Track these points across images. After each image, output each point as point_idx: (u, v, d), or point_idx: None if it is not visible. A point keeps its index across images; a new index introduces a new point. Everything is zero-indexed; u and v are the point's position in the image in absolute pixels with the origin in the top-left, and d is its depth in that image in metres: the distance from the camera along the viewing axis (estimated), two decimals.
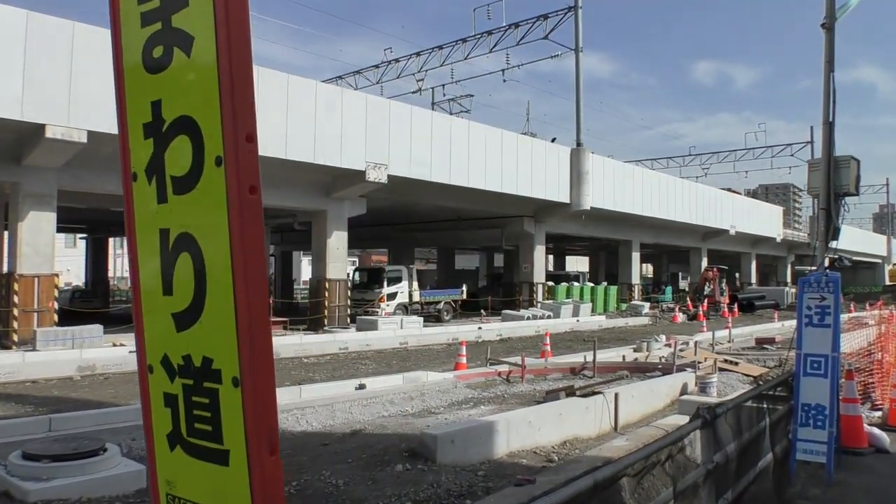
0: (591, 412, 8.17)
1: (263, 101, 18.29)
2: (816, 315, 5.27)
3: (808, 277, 5.39)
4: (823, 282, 5.30)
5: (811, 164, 6.21)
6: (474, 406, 9.05)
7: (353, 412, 8.60)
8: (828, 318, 5.22)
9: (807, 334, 5.26)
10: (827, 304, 5.26)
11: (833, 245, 5.89)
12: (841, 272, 6.01)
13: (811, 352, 5.19)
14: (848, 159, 6.04)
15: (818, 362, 5.14)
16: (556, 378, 11.32)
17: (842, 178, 6.00)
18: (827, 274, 5.54)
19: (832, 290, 5.27)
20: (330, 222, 22.09)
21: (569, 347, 17.02)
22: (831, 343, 5.15)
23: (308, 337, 16.58)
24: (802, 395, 5.15)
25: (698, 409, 4.22)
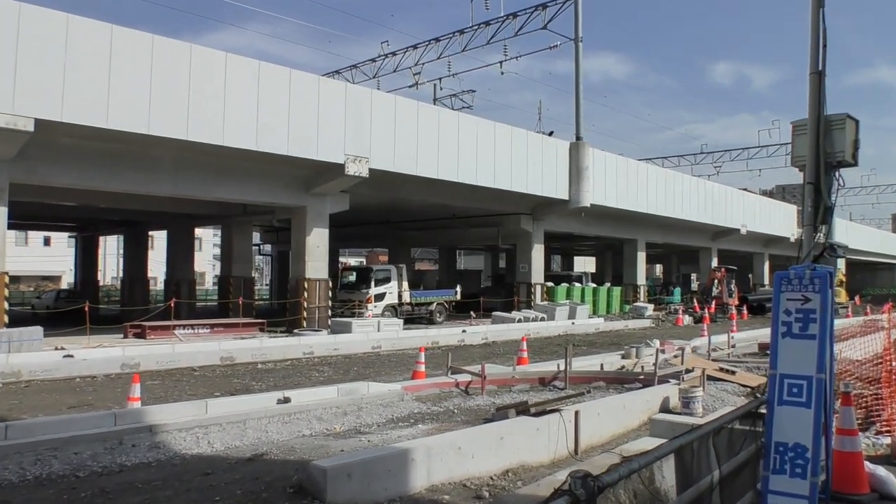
0: (542, 434, 6.89)
1: (231, 89, 17.23)
2: (797, 322, 3.97)
3: (787, 272, 4.10)
4: (807, 277, 4.00)
5: (795, 127, 4.92)
6: (413, 424, 7.80)
7: (269, 430, 7.40)
8: (812, 327, 3.91)
9: (784, 348, 3.96)
10: (811, 307, 3.95)
11: (823, 231, 4.58)
12: (840, 267, 4.74)
13: (789, 372, 3.89)
14: (843, 118, 4.71)
15: (798, 387, 3.84)
16: (521, 389, 10.04)
17: (834, 143, 4.68)
18: (814, 268, 4.23)
19: (819, 288, 3.96)
20: (310, 219, 20.96)
21: (554, 353, 15.69)
22: (817, 360, 3.84)
23: (271, 340, 15.45)
24: (777, 432, 3.86)
25: (568, 477, 2.93)
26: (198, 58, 16.76)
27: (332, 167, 19.59)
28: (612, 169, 29.46)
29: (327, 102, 19.22)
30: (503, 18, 30.35)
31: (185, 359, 13.08)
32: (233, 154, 18.10)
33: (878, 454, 6.12)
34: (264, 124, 17.81)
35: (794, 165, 4.89)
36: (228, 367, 13.01)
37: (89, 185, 17.72)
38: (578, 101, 27.78)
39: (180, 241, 28.70)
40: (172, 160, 18.02)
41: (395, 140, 20.76)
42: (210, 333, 19.41)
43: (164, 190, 18.68)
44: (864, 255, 56.28)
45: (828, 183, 4.67)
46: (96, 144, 16.62)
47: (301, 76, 18.94)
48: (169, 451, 6.64)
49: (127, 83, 15.47)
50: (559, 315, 23.26)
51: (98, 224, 33.59)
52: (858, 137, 4.78)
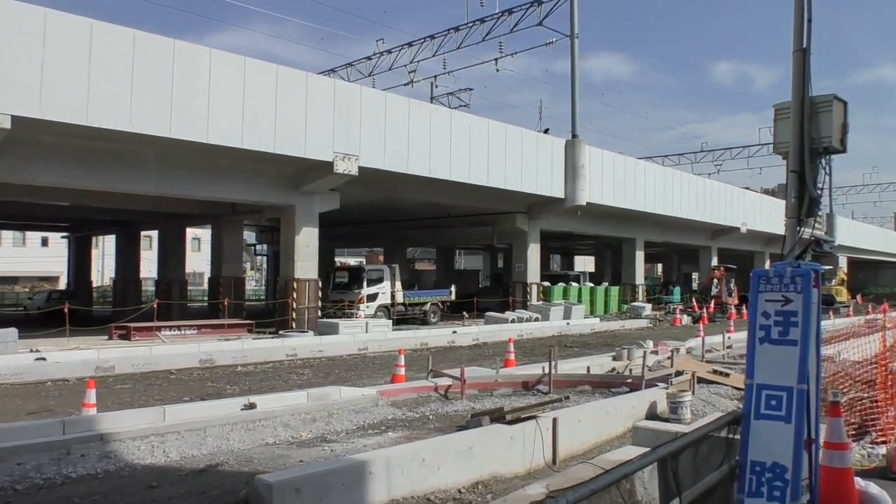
0: (517, 443, 6.50)
1: (216, 86, 16.87)
2: (777, 326, 3.58)
3: (765, 270, 3.70)
4: (788, 276, 3.61)
5: (777, 110, 4.51)
6: (383, 432, 7.42)
7: (231, 439, 7.02)
8: (793, 331, 3.52)
9: (762, 355, 3.57)
10: (792, 308, 3.56)
11: (812, 229, 4.17)
12: (829, 265, 4.33)
13: (767, 382, 3.51)
14: (829, 100, 4.30)
15: (777, 399, 3.46)
16: (504, 394, 9.65)
17: (820, 128, 4.26)
18: (798, 265, 3.83)
19: (801, 287, 3.57)
20: (299, 218, 20.58)
21: (545, 354, 15.19)
22: (798, 369, 3.44)
23: (254, 342, 15.08)
24: (753, 449, 3.47)
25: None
26: (181, 54, 16.39)
27: (320, 165, 19.21)
28: (609, 167, 29.04)
29: (315, 99, 18.85)
30: (498, 15, 29.96)
31: (163, 361, 12.72)
32: (219, 152, 17.74)
33: (871, 467, 5.71)
34: (250, 121, 17.44)
35: (776, 153, 4.49)
36: (207, 370, 12.64)
37: (72, 184, 17.38)
38: (574, 98, 27.38)
39: (172, 241, 28.37)
40: (157, 158, 17.67)
41: (386, 138, 20.37)
42: (197, 334, 19.07)
43: (148, 189, 18.33)
44: (867, 254, 55.76)
45: (813, 171, 4.26)
46: (79, 142, 16.27)
47: (288, 72, 18.57)
48: (119, 462, 6.27)
49: (108, 80, 15.12)
50: (554, 315, 22.86)
51: (91, 224, 33.29)
52: (847, 121, 4.37)
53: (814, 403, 4.10)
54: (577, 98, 27.26)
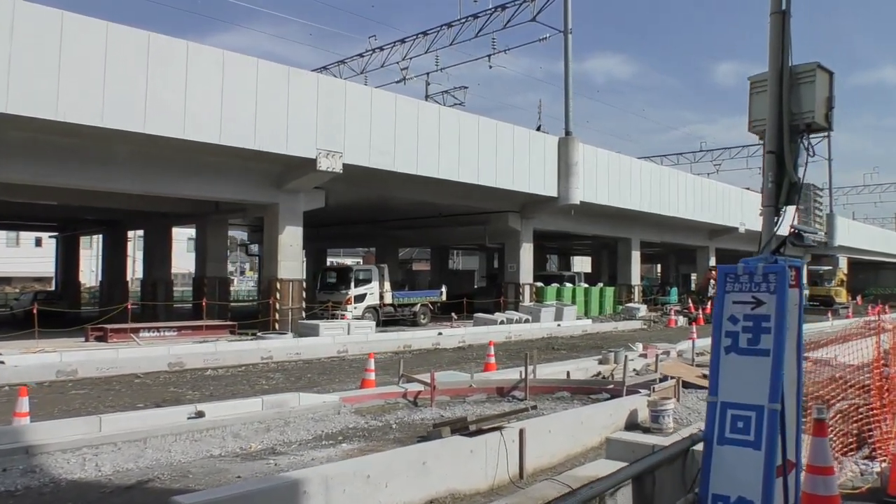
0: (478, 457, 5.97)
1: (193, 80, 16.35)
2: (745, 332, 3.05)
3: (733, 267, 3.18)
4: (759, 273, 3.08)
5: (753, 83, 3.95)
6: (338, 443, 6.90)
7: (173, 451, 6.51)
8: (765, 339, 2.99)
9: (727, 368, 3.04)
10: (764, 312, 3.03)
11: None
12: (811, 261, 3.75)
13: (733, 400, 2.98)
14: (812, 69, 3.72)
15: (745, 420, 2.93)
16: (477, 400, 9.12)
17: (802, 101, 3.70)
18: (776, 260, 3.31)
19: (775, 287, 3.04)
20: (282, 217, 20.05)
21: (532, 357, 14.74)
22: (770, 384, 2.91)
23: (228, 344, 14.54)
24: (715, 481, 2.93)
25: None
26: (156, 47, 15.86)
27: (303, 162, 18.69)
28: (604, 165, 28.50)
29: (298, 95, 18.32)
30: (491, 11, 29.44)
31: (129, 365, 12.20)
32: (199, 148, 17.21)
33: (864, 490, 5.14)
34: (229, 117, 16.91)
35: (752, 131, 3.96)
36: (175, 374, 12.12)
37: (46, 182, 16.89)
38: (568, 94, 26.86)
39: (157, 241, 27.86)
40: (133, 155, 17.14)
41: (372, 134, 19.84)
42: (177, 336, 18.54)
43: (125, 186, 17.82)
44: (867, 255, 55.17)
45: (794, 152, 3.72)
46: (51, 138, 15.74)
47: (269, 67, 18.05)
48: (45, 477, 5.75)
49: (79, 73, 14.60)
50: (544, 316, 22.32)
51: (77, 224, 32.80)
52: (833, 94, 3.82)
53: (793, 422, 3.57)
54: (570, 95, 26.75)
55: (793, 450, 3.42)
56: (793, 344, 3.66)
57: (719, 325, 3.15)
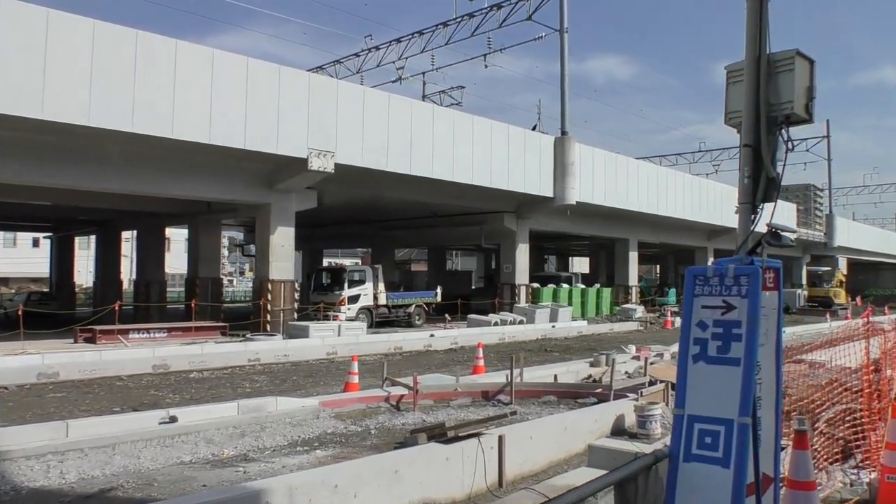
0: (454, 465, 5.77)
1: (182, 78, 16.16)
2: (715, 340, 2.85)
3: (703, 268, 2.97)
4: (730, 275, 2.88)
5: (730, 73, 3.75)
6: (313, 449, 6.71)
7: (143, 457, 6.32)
8: (735, 347, 2.79)
9: (695, 378, 2.83)
10: (735, 317, 2.83)
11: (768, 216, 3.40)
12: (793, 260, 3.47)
13: (701, 413, 2.77)
14: (791, 57, 3.48)
15: (713, 435, 2.72)
16: (461, 404, 8.92)
17: (780, 91, 3.47)
18: (752, 261, 3.11)
19: (748, 290, 2.84)
20: (274, 217, 19.86)
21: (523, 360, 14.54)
22: (740, 397, 2.70)
23: (214, 346, 14.34)
24: (680, 502, 2.73)
25: None
26: (144, 45, 15.68)
27: (294, 162, 18.50)
28: (601, 165, 28.30)
29: (289, 93, 18.13)
30: (487, 10, 29.26)
31: (113, 367, 12.00)
32: (188, 148, 17.02)
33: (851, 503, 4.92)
34: (219, 116, 16.72)
35: (728, 124, 3.75)
36: (159, 377, 11.93)
37: (32, 181, 16.72)
38: (564, 94, 26.65)
39: (150, 241, 27.67)
40: (122, 154, 16.95)
41: (364, 133, 19.65)
42: (167, 337, 18.34)
43: (114, 186, 17.62)
44: (867, 255, 54.95)
45: (771, 145, 3.51)
46: (38, 137, 15.55)
47: (259, 65, 17.87)
48: (6, 484, 5.57)
49: (65, 71, 14.42)
50: (539, 318, 22.11)
51: (71, 224, 32.61)
52: (814, 83, 3.61)
53: (771, 434, 3.37)
54: (566, 94, 26.54)
55: (770, 464, 3.22)
56: (771, 351, 3.47)
57: (687, 332, 2.94)
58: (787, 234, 3.37)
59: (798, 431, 3.63)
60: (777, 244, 3.34)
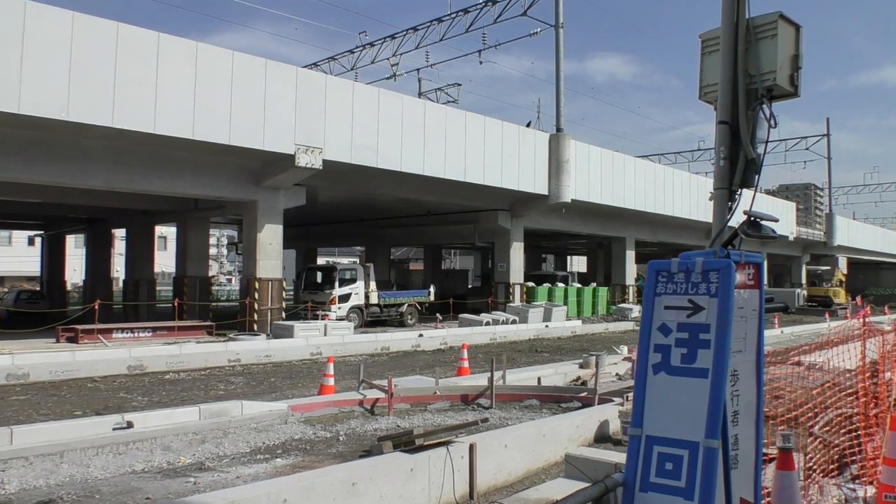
0: (420, 476, 5.39)
1: (165, 72, 15.78)
2: (679, 346, 2.45)
3: (666, 262, 2.58)
4: (698, 270, 2.49)
5: (705, 41, 3.33)
6: (274, 458, 6.32)
7: (92, 465, 5.94)
8: (703, 356, 2.38)
9: (655, 391, 2.43)
10: (702, 320, 2.44)
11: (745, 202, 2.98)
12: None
13: (662, 434, 2.37)
14: (774, 21, 2.99)
15: (675, 460, 2.31)
16: (440, 409, 8.53)
17: (761, 60, 3.01)
18: (727, 254, 2.73)
19: (717, 288, 2.45)
20: (261, 214, 19.47)
21: (512, 360, 14.16)
22: (707, 415, 2.29)
23: (194, 346, 13.96)
24: None
25: None
26: (125, 38, 15.30)
27: (281, 158, 18.12)
28: (597, 162, 27.90)
29: (275, 88, 17.75)
30: (482, 5, 28.87)
31: (86, 368, 11.62)
32: (171, 144, 16.65)
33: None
34: (203, 111, 16.35)
35: (703, 100, 3.33)
36: (133, 378, 11.54)
37: (12, 178, 16.28)
38: (559, 90, 26.26)
39: (140, 239, 27.27)
40: (105, 150, 16.57)
41: (353, 129, 19.27)
42: (151, 337, 18.00)
43: (97, 183, 17.20)
44: (868, 255, 54.52)
45: (751, 121, 3.09)
46: (17, 132, 15.17)
47: (245, 59, 17.47)
48: None
49: (43, 65, 14.05)
50: (532, 317, 21.72)
51: (62, 222, 32.23)
52: (800, 52, 3.17)
53: (750, 454, 2.99)
54: (561, 90, 26.14)
55: (749, 489, 2.84)
56: (750, 358, 3.08)
57: (647, 337, 2.54)
58: (769, 223, 2.98)
59: (782, 450, 3.23)
60: (756, 235, 2.95)
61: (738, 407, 2.98)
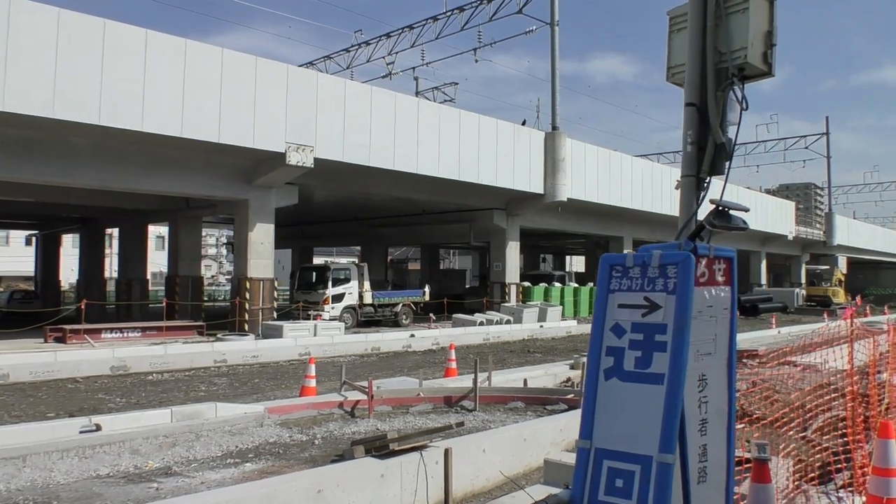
0: (391, 482, 5.19)
1: (153, 70, 15.61)
2: (633, 349, 2.23)
3: (621, 256, 2.37)
4: (655, 264, 2.27)
5: (673, 18, 3.11)
6: (242, 463, 6.12)
7: (56, 469, 5.76)
8: (658, 360, 2.15)
9: (606, 399, 2.20)
10: (658, 320, 2.22)
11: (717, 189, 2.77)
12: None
13: (611, 446, 2.15)
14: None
15: (626, 476, 2.07)
16: (422, 411, 8.33)
17: (732, 36, 2.79)
18: (694, 247, 2.53)
19: (676, 284, 2.23)
20: (252, 213, 19.27)
21: (502, 361, 13.99)
22: (662, 425, 2.07)
23: (180, 347, 13.77)
24: None
25: None
26: (112, 34, 15.12)
27: (272, 156, 17.93)
28: (593, 161, 27.69)
29: (266, 85, 17.56)
30: (477, 3, 28.68)
31: (68, 368, 11.43)
32: (160, 142, 16.46)
33: None
34: (192, 109, 16.16)
35: (670, 81, 3.11)
36: (115, 379, 11.35)
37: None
38: (555, 88, 26.05)
39: (132, 239, 27.10)
40: (93, 148, 16.38)
41: (345, 127, 19.07)
42: (141, 337, 17.80)
43: (86, 181, 17.00)
44: (868, 254, 54.28)
45: (720, 103, 2.88)
46: (3, 130, 14.96)
47: (235, 57, 17.28)
48: None
49: (28, 61, 13.87)
50: (527, 317, 21.51)
51: (56, 221, 32.06)
52: (774, 27, 2.93)
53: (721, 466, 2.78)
54: (556, 88, 25.94)
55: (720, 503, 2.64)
56: (721, 361, 2.88)
57: (599, 339, 2.33)
58: (738, 213, 2.79)
59: (758, 461, 3.02)
60: (723, 226, 2.75)
61: (707, 414, 2.77)
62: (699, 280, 2.75)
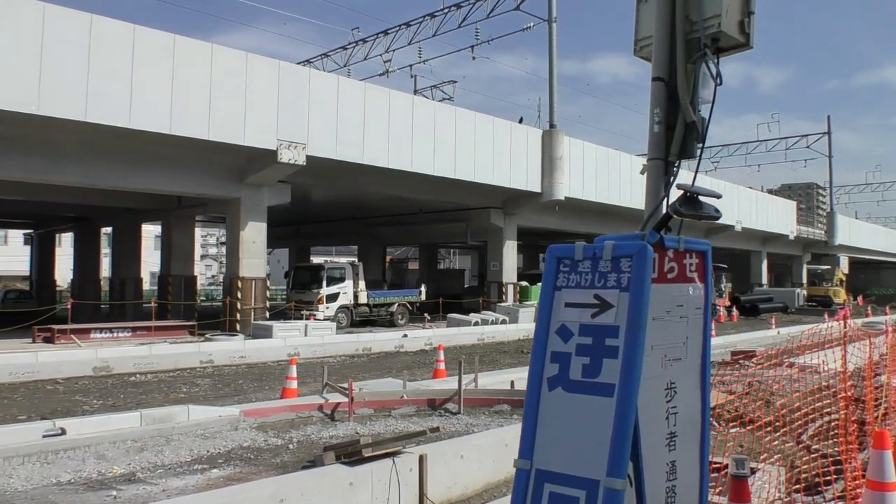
0: (361, 491, 4.94)
1: (140, 66, 15.39)
2: (580, 355, 1.95)
3: (569, 247, 2.09)
4: (607, 257, 2.00)
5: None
6: (209, 469, 5.87)
7: (16, 475, 5.52)
8: (609, 367, 1.87)
9: (549, 412, 1.91)
10: (609, 321, 1.95)
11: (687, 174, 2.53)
12: None
13: (554, 468, 1.88)
14: None
15: (570, 503, 1.84)
16: (405, 414, 8.08)
17: (704, 4, 2.52)
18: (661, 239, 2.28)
19: (630, 280, 1.95)
20: (245, 211, 19.04)
21: (494, 362, 13.75)
22: (611, 444, 1.79)
23: (167, 347, 13.54)
24: None
25: None
26: (99, 30, 14.90)
27: (263, 154, 17.71)
28: (591, 159, 27.42)
29: (257, 82, 17.34)
30: (474, 0, 28.42)
31: (49, 369, 11.20)
32: (149, 139, 16.24)
33: None
34: (181, 106, 15.94)
35: (638, 55, 2.83)
36: (97, 380, 11.13)
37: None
38: (552, 85, 25.77)
39: (125, 238, 26.88)
40: (79, 145, 16.16)
41: (338, 125, 18.84)
42: (131, 337, 17.59)
43: (70, 178, 16.80)
44: (869, 254, 53.92)
45: (691, 77, 2.58)
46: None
47: (225, 52, 17.06)
48: None
49: (12, 56, 13.66)
50: (523, 317, 21.25)
51: (51, 221, 31.87)
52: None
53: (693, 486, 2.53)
54: (554, 86, 25.65)
55: None
56: (693, 367, 2.61)
57: (543, 343, 2.06)
58: (709, 199, 2.54)
59: (735, 477, 2.76)
60: (692, 214, 2.50)
61: (677, 427, 2.51)
62: (667, 276, 2.50)
